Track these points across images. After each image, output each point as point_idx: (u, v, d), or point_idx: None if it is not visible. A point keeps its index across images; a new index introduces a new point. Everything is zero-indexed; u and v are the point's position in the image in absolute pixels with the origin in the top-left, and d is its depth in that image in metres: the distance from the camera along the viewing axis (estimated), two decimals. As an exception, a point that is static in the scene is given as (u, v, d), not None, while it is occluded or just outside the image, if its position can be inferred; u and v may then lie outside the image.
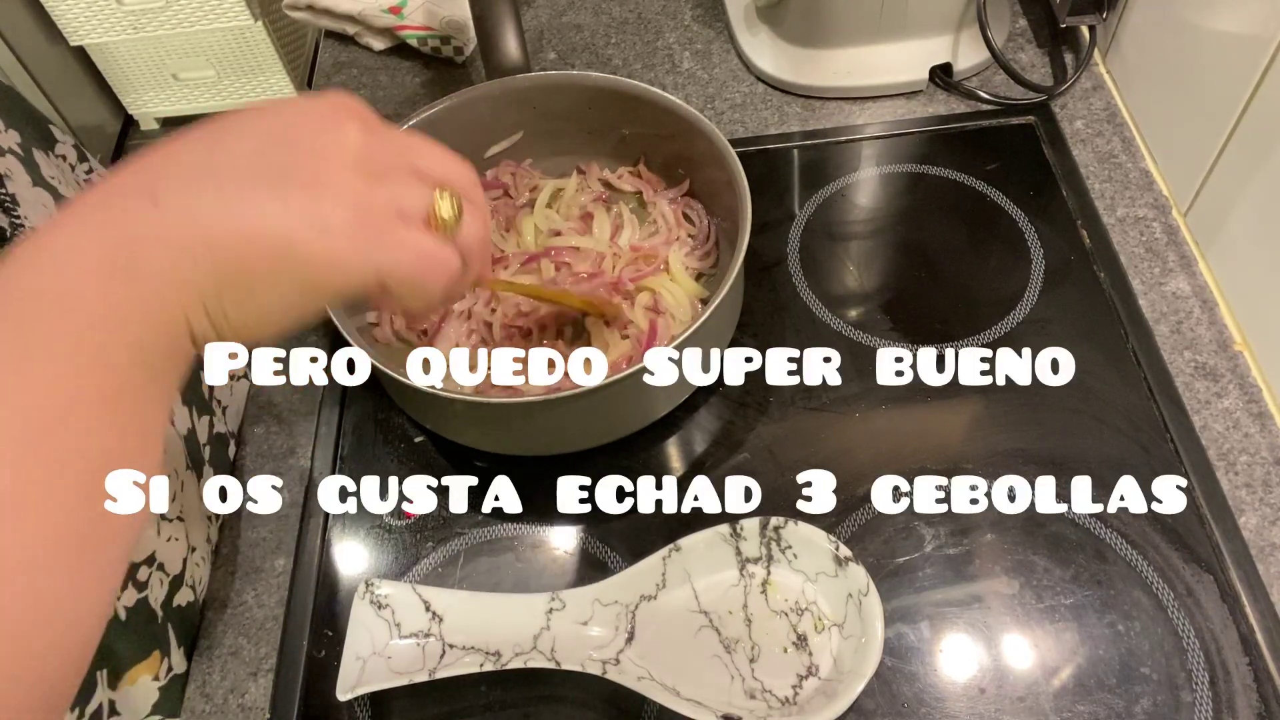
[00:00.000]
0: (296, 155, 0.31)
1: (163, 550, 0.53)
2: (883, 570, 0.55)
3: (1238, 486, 0.57)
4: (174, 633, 0.55)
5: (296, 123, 0.33)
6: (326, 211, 0.31)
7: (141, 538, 0.52)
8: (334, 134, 0.33)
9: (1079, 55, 0.78)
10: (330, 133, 0.33)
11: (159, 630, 0.53)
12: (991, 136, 0.75)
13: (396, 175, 0.34)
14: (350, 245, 0.32)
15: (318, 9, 0.87)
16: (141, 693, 0.52)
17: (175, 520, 0.55)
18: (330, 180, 0.32)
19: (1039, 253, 0.68)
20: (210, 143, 0.32)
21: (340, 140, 0.33)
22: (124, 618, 0.50)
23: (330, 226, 0.31)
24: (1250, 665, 0.51)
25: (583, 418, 0.58)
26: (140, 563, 0.51)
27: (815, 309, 0.67)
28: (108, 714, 0.48)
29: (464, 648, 0.51)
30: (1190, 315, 0.64)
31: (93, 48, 2.01)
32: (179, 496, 0.55)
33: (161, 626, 0.53)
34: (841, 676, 0.50)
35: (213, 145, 0.32)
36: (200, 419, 0.60)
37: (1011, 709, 0.51)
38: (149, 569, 0.52)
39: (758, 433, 0.62)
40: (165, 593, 0.54)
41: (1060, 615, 0.53)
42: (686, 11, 0.87)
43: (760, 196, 0.58)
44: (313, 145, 0.32)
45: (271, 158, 0.31)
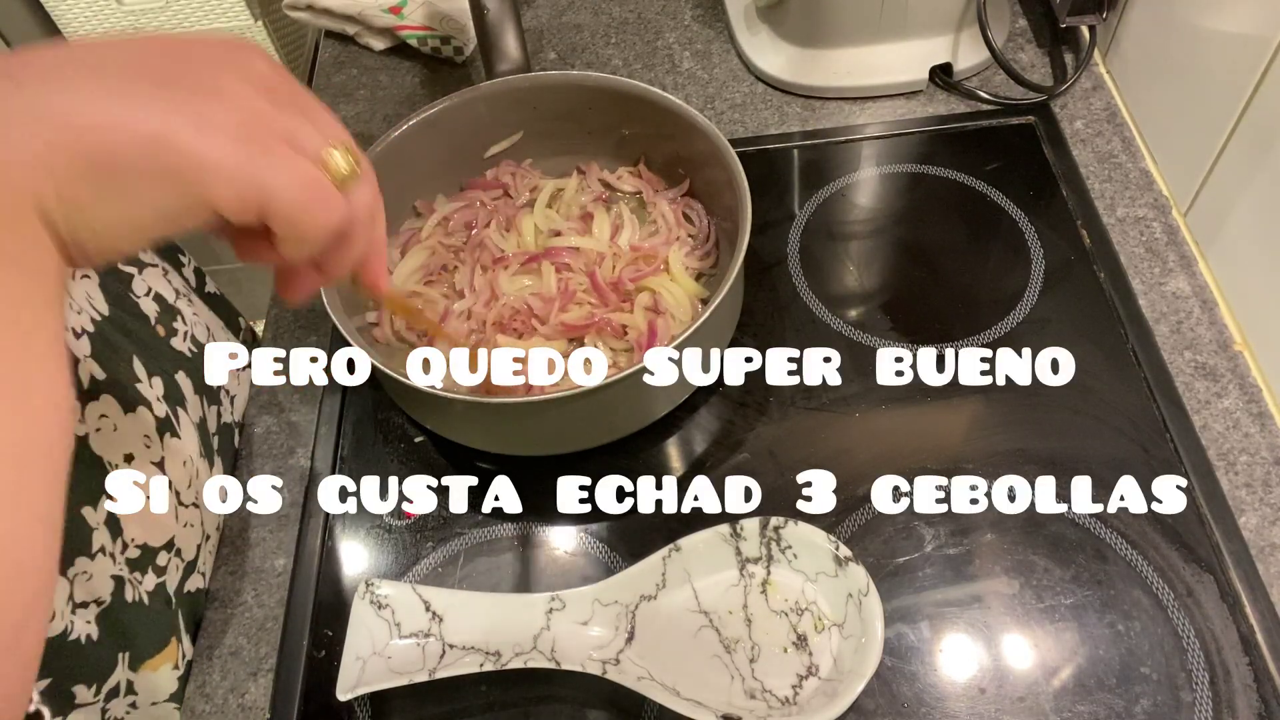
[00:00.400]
0: (192, 65, 0.29)
1: (181, 535, 0.54)
2: (883, 570, 0.55)
3: (1238, 486, 0.57)
4: (183, 620, 0.55)
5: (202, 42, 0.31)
6: (213, 112, 0.29)
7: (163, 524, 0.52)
8: (238, 56, 0.31)
9: (1079, 55, 0.78)
10: (235, 55, 0.31)
11: (173, 617, 0.54)
12: (991, 136, 0.75)
13: (293, 112, 0.32)
14: (234, 150, 0.29)
15: (318, 9, 0.87)
16: (163, 681, 0.53)
17: (191, 506, 0.55)
18: (224, 89, 0.29)
19: (1039, 253, 0.68)
20: (98, 47, 0.29)
21: (244, 63, 0.31)
22: (146, 602, 0.50)
23: (215, 126, 0.29)
24: (1250, 665, 0.51)
25: (583, 418, 0.58)
26: (160, 547, 0.51)
27: (815, 309, 0.67)
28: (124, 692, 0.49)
29: (464, 648, 0.51)
30: (1190, 315, 0.64)
31: (93, 48, 2.01)
32: (193, 483, 0.55)
33: (174, 612, 0.54)
34: (841, 676, 0.50)
35: (100, 49, 0.29)
36: (210, 408, 0.60)
37: (1011, 709, 0.51)
38: (168, 554, 0.52)
39: (758, 433, 0.62)
40: (179, 578, 0.54)
41: (1060, 615, 0.53)
42: (686, 11, 0.87)
43: (760, 196, 0.58)
44: (213, 59, 0.30)
45: (164, 64, 0.29)
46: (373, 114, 0.84)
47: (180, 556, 0.54)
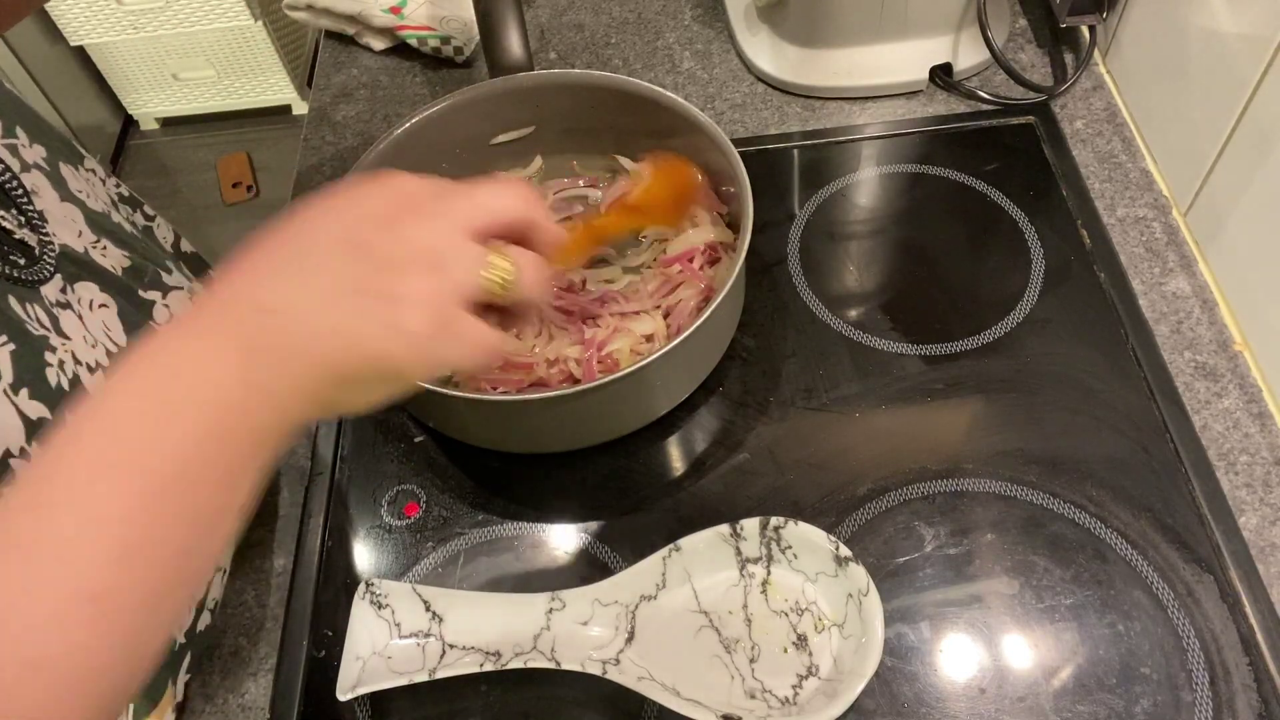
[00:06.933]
0: (370, 265, 0.37)
1: None
2: (883, 570, 0.55)
3: (1238, 486, 0.57)
4: (189, 660, 0.54)
5: (361, 227, 0.38)
6: (407, 322, 0.37)
7: None
8: (394, 234, 0.38)
9: (1079, 55, 0.78)
10: (391, 232, 0.38)
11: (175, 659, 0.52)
12: (991, 136, 0.75)
13: (454, 253, 0.39)
14: (428, 349, 0.38)
15: (318, 9, 0.87)
16: None
17: None
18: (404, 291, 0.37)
19: (1039, 253, 0.68)
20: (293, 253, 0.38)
21: (401, 239, 0.38)
22: None
23: (413, 334, 0.37)
24: (1250, 665, 0.51)
25: (583, 417, 0.58)
26: None
27: (815, 309, 0.67)
28: None
29: (464, 648, 0.51)
30: (1190, 315, 0.64)
31: (93, 48, 2.01)
32: None
33: (178, 655, 0.52)
34: (841, 676, 0.50)
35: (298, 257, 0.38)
36: None
37: (1011, 709, 0.51)
38: None
39: (758, 433, 0.62)
40: (189, 619, 0.53)
41: (1060, 615, 0.53)
42: (686, 11, 0.87)
43: (760, 196, 0.58)
44: (383, 254, 0.38)
45: (351, 270, 0.37)
46: (373, 114, 0.84)
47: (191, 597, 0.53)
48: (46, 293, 0.45)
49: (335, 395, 0.38)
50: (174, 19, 1.94)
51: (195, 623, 0.54)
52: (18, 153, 0.48)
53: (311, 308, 0.37)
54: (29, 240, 0.45)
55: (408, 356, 0.38)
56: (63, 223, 0.48)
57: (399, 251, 0.38)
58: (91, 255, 0.49)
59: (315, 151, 0.82)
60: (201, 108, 2.16)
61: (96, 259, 0.50)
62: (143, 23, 1.95)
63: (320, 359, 0.37)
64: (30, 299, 0.44)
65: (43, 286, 0.45)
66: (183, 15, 1.93)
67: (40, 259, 0.45)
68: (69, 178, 0.51)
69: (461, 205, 0.40)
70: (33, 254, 0.45)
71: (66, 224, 0.49)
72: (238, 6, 1.91)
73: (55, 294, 0.46)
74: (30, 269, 0.45)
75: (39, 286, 0.45)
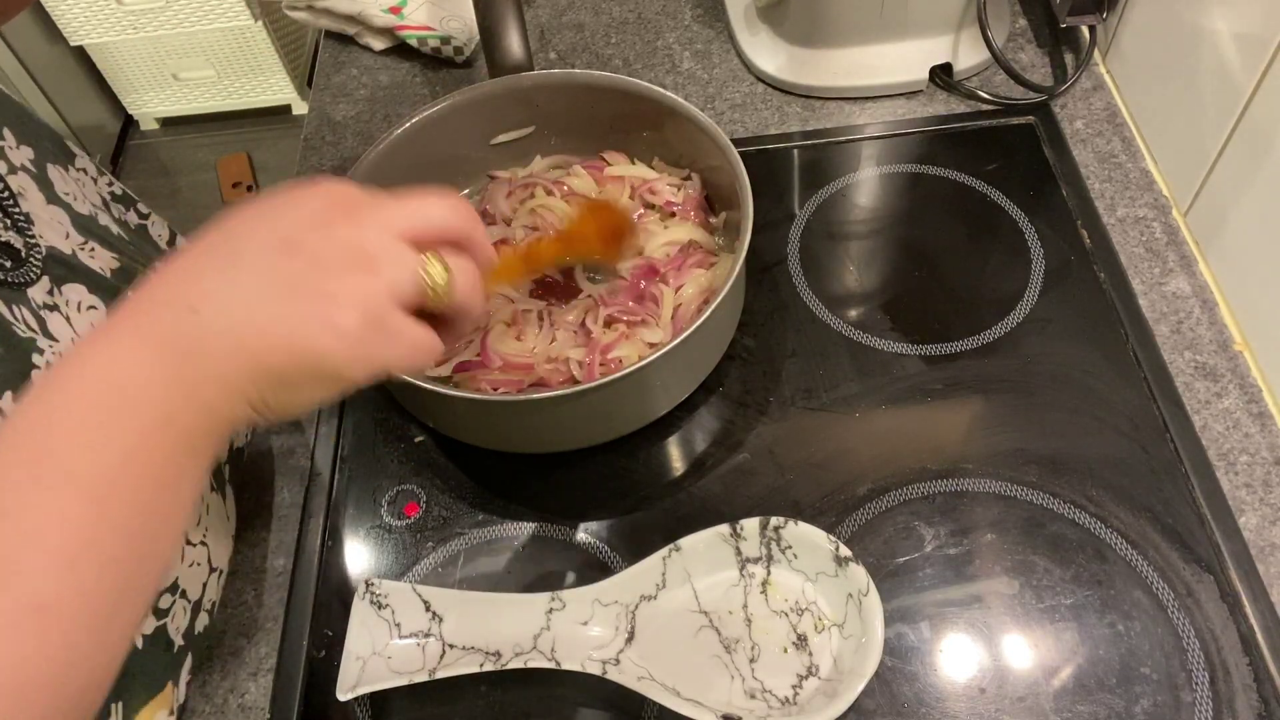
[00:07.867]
0: (302, 263, 0.37)
1: (185, 575, 0.52)
2: (883, 570, 0.55)
3: (1238, 486, 0.57)
4: (190, 661, 0.54)
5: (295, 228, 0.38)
6: (339, 319, 0.37)
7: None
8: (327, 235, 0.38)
9: (1079, 55, 0.78)
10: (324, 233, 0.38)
11: (175, 659, 0.52)
12: (991, 136, 0.75)
13: (387, 255, 0.39)
14: (362, 348, 0.38)
15: (318, 9, 0.87)
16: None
17: (200, 544, 0.54)
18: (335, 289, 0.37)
19: (1039, 253, 0.68)
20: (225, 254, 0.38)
21: (334, 239, 0.38)
22: (141, 646, 0.48)
23: (346, 332, 0.37)
24: (1250, 665, 0.51)
25: (583, 417, 0.58)
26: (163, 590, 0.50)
27: (815, 309, 0.67)
28: None
29: (464, 648, 0.51)
30: (1190, 315, 0.64)
31: (93, 48, 2.01)
32: (203, 520, 0.55)
33: (175, 657, 0.52)
34: (841, 676, 0.50)
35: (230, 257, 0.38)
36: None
37: (1011, 709, 0.51)
38: (171, 596, 0.51)
39: (758, 433, 0.62)
40: (186, 621, 0.53)
41: (1060, 615, 0.53)
42: (686, 11, 0.87)
43: (760, 196, 0.58)
44: (315, 253, 0.38)
45: (283, 269, 0.37)
46: (372, 114, 0.84)
47: (185, 598, 0.53)
48: (34, 295, 0.45)
49: (269, 394, 0.37)
50: (174, 19, 1.94)
51: (194, 624, 0.54)
52: (4, 155, 0.48)
53: (242, 305, 0.37)
54: (15, 243, 0.45)
55: (340, 354, 0.38)
56: (49, 225, 0.48)
57: (331, 251, 0.38)
58: (80, 257, 0.49)
59: (315, 151, 0.82)
60: (201, 108, 2.16)
61: (85, 261, 0.50)
62: (143, 23, 1.95)
63: (250, 357, 0.36)
64: (17, 301, 0.44)
65: (30, 289, 0.45)
66: (183, 15, 1.93)
67: (26, 261, 0.45)
68: (56, 180, 0.51)
69: (395, 210, 0.40)
70: (19, 256, 0.45)
71: (53, 226, 0.49)
72: (238, 6, 1.91)
73: (43, 296, 0.46)
74: (16, 271, 0.44)
75: (26, 289, 0.45)
